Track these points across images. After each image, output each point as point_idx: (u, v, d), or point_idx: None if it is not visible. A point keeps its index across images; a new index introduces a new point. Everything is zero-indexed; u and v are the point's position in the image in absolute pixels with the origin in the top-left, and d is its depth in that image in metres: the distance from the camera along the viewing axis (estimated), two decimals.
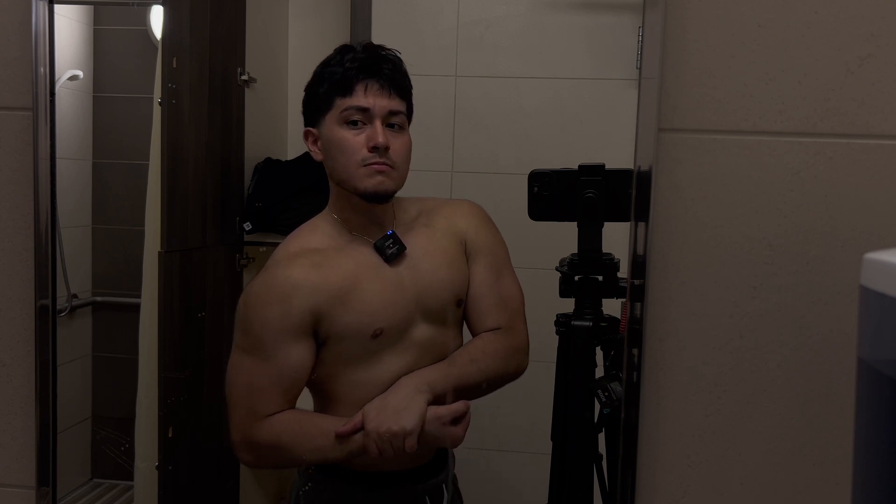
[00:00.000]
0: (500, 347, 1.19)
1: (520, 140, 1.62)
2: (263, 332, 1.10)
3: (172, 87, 1.57)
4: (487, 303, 1.21)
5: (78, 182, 1.57)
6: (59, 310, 1.09)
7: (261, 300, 1.12)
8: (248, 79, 1.86)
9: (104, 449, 1.63)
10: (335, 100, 1.12)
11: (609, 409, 1.08)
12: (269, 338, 1.10)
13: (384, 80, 1.12)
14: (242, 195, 1.89)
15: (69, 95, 1.52)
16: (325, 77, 1.14)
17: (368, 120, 1.11)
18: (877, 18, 0.87)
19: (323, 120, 1.14)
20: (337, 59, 1.14)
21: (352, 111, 1.11)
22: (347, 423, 1.09)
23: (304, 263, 1.13)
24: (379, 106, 1.11)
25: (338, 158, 1.13)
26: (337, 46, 1.16)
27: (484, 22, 1.64)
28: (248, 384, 1.11)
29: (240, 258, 1.89)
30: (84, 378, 1.61)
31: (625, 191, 0.94)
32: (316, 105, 1.16)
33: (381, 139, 1.10)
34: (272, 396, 1.11)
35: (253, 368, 1.11)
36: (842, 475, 0.92)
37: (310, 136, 1.18)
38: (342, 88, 1.11)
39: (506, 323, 1.21)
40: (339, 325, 1.11)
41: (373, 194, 1.12)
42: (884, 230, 0.88)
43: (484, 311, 1.21)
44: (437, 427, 1.08)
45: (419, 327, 1.17)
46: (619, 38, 1.56)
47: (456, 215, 1.24)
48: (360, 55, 1.13)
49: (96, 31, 1.58)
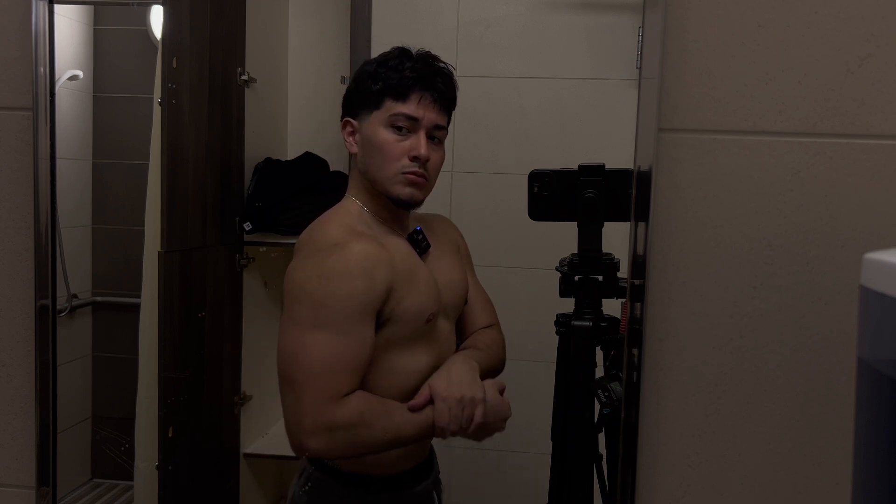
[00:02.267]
0: (499, 341, 1.28)
1: (520, 140, 1.62)
2: (346, 306, 1.06)
3: (172, 87, 1.57)
4: (479, 304, 1.30)
5: (78, 182, 1.57)
6: (59, 310, 1.09)
7: (344, 273, 1.07)
8: (248, 79, 1.86)
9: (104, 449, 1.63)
10: (386, 101, 1.13)
11: (609, 409, 1.08)
12: (352, 312, 1.07)
13: (438, 93, 1.14)
14: (242, 195, 1.89)
15: (69, 95, 1.52)
16: (380, 77, 1.14)
17: (414, 129, 1.13)
18: (877, 18, 0.87)
19: (368, 116, 1.15)
20: (395, 62, 1.14)
21: (401, 118, 1.13)
22: (417, 396, 1.11)
23: (371, 241, 1.12)
24: (428, 118, 1.13)
25: (376, 159, 1.14)
26: (396, 47, 1.17)
27: (484, 22, 1.64)
28: (323, 362, 1.06)
29: (240, 258, 1.90)
30: (84, 378, 1.61)
31: (625, 191, 0.94)
32: (363, 100, 1.16)
33: (425, 151, 1.12)
34: (349, 375, 1.07)
35: (329, 345, 1.06)
36: (842, 475, 0.92)
37: (348, 126, 1.19)
38: (397, 93, 1.13)
39: (494, 322, 1.31)
40: (405, 304, 1.12)
41: (404, 202, 1.15)
42: (884, 230, 0.88)
43: (478, 311, 1.30)
44: (495, 397, 1.13)
45: (440, 321, 1.21)
46: (619, 38, 1.56)
47: (446, 225, 1.31)
48: (419, 64, 1.15)
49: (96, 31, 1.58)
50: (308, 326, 1.06)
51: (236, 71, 1.84)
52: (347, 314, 1.06)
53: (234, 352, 1.88)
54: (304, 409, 1.05)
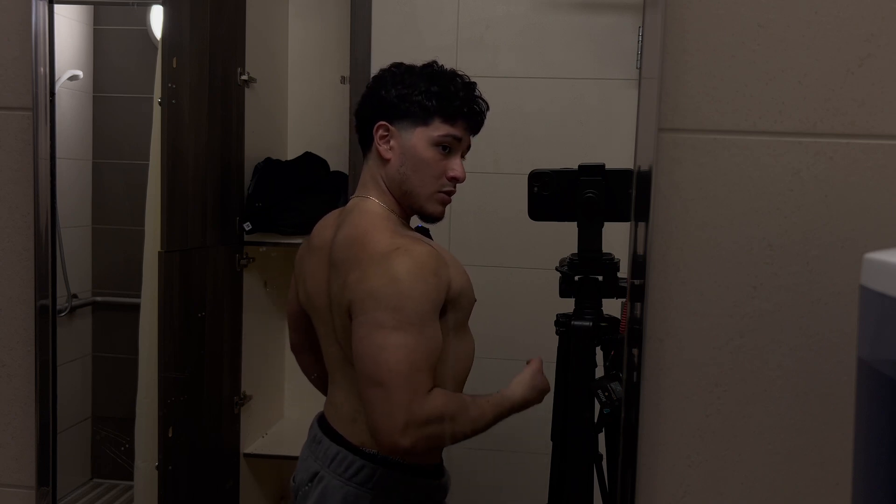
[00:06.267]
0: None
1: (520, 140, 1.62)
2: (421, 306, 1.11)
3: (172, 87, 1.57)
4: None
5: (78, 182, 1.57)
6: (59, 310, 1.09)
7: (417, 275, 1.11)
8: (248, 79, 1.86)
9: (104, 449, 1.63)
10: (436, 120, 1.18)
11: (609, 409, 1.08)
12: (426, 312, 1.11)
13: (477, 120, 1.23)
14: (242, 195, 1.89)
15: (69, 95, 1.52)
16: (432, 94, 1.18)
17: (455, 149, 1.21)
18: (877, 18, 0.87)
19: (412, 129, 1.19)
20: (445, 83, 1.20)
21: (449, 139, 1.19)
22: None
23: (421, 240, 1.17)
24: (466, 142, 1.22)
25: (420, 174, 1.19)
26: (447, 68, 1.22)
27: (484, 22, 1.64)
28: (409, 361, 1.09)
29: (240, 258, 1.89)
30: (84, 378, 1.61)
31: (625, 191, 0.94)
32: (408, 111, 1.19)
33: (462, 174, 1.21)
34: (430, 372, 1.11)
35: (410, 344, 1.09)
36: (842, 475, 0.92)
37: (381, 129, 1.20)
38: (448, 115, 1.19)
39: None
40: (461, 293, 1.17)
41: (435, 218, 1.22)
42: (884, 230, 0.88)
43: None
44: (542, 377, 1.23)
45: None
46: (619, 38, 1.56)
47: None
48: (470, 93, 1.21)
49: (96, 31, 1.58)
50: (384, 329, 1.09)
51: (236, 71, 1.84)
52: (423, 314, 1.11)
53: (234, 352, 1.88)
54: (395, 408, 1.08)
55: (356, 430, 1.21)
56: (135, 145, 1.61)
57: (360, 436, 1.20)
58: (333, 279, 1.19)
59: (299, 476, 1.27)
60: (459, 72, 1.22)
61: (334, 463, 1.20)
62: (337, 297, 1.17)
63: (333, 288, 1.19)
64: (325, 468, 1.21)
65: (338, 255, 1.19)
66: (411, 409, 1.08)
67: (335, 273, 1.19)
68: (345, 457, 1.20)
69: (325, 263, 1.22)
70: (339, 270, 1.17)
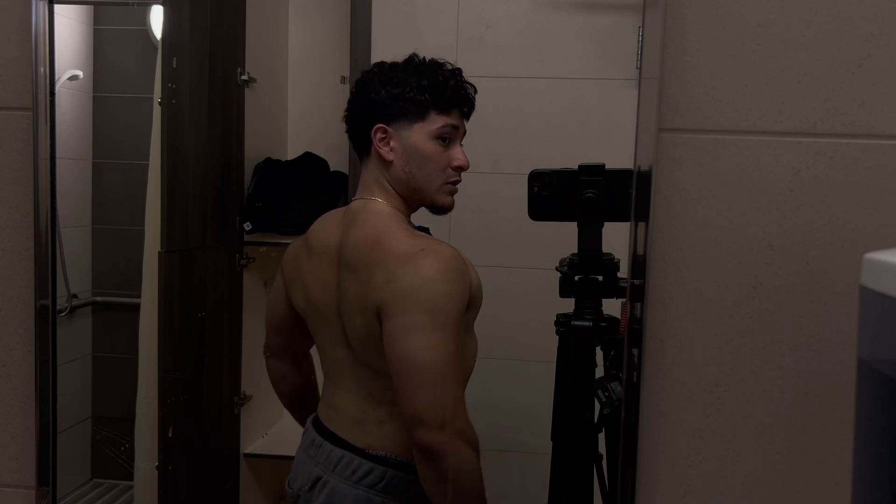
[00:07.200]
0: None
1: (520, 140, 1.62)
2: (457, 305, 1.10)
3: (172, 87, 1.57)
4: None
5: (78, 182, 1.57)
6: (59, 310, 1.09)
7: (449, 276, 1.10)
8: (248, 79, 1.86)
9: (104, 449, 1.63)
10: (431, 113, 1.18)
11: (609, 409, 1.08)
12: (461, 311, 1.11)
13: (470, 106, 1.22)
14: (242, 195, 1.89)
15: (69, 95, 1.52)
16: (423, 88, 1.18)
17: (453, 139, 1.20)
18: (877, 18, 0.87)
19: (410, 126, 1.18)
20: (433, 75, 1.19)
21: (448, 129, 1.18)
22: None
23: (440, 240, 1.18)
24: (462, 129, 1.22)
25: (425, 169, 1.18)
26: (420, 57, 1.21)
27: (484, 22, 1.64)
28: (452, 361, 1.09)
29: (240, 258, 1.90)
30: (84, 378, 1.61)
31: (625, 191, 0.94)
32: (403, 109, 1.18)
33: (466, 162, 1.20)
34: (464, 373, 1.13)
35: (451, 346, 1.09)
36: (842, 475, 0.92)
37: (380, 132, 1.19)
38: (442, 106, 1.18)
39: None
40: (478, 290, 1.18)
41: (446, 210, 1.22)
42: (884, 230, 0.88)
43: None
44: None
45: None
46: (619, 38, 1.56)
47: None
48: (458, 80, 1.20)
49: (96, 31, 1.58)
50: (430, 329, 1.08)
51: (236, 71, 1.84)
52: (458, 313, 1.10)
53: (234, 352, 1.88)
54: (443, 399, 1.07)
55: (362, 433, 1.19)
56: (135, 145, 1.61)
57: (367, 438, 1.19)
58: (348, 281, 1.16)
59: (297, 481, 1.24)
60: (440, 60, 1.21)
61: (339, 467, 1.18)
62: (355, 299, 1.15)
63: (348, 290, 1.16)
64: (328, 472, 1.19)
65: (352, 256, 1.16)
66: (457, 406, 1.08)
67: (350, 275, 1.16)
68: (350, 460, 1.18)
69: (333, 265, 1.20)
70: (357, 272, 1.14)
